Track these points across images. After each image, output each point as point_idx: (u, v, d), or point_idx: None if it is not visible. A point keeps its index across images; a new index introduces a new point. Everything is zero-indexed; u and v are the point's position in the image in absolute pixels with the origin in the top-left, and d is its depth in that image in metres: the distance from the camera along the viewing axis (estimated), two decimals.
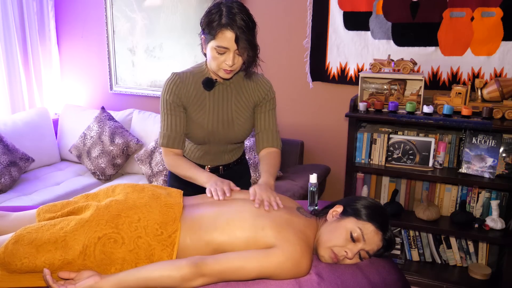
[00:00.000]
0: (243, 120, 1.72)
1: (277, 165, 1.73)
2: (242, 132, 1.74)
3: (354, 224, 1.38)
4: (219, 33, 1.50)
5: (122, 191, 1.49)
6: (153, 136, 3.19)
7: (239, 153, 1.87)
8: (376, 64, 2.51)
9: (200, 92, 1.68)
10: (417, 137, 2.49)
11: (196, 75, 1.69)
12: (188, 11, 3.19)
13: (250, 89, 1.72)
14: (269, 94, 1.74)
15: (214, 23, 1.50)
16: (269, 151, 1.76)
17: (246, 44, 1.51)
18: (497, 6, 2.41)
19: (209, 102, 1.68)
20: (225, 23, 1.48)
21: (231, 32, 1.48)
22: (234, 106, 1.70)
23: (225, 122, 1.70)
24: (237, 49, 1.51)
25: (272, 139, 1.76)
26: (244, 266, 1.27)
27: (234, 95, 1.70)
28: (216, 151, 1.77)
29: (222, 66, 1.55)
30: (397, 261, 2.61)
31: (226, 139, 1.73)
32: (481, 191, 2.49)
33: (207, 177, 1.60)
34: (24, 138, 3.19)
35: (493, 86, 2.31)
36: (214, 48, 1.52)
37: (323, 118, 2.99)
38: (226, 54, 1.52)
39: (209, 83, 1.66)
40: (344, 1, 2.73)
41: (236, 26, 1.48)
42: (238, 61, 1.55)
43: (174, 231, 1.36)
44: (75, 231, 1.30)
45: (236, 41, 1.49)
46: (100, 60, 3.63)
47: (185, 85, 1.66)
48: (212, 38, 1.52)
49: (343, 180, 2.90)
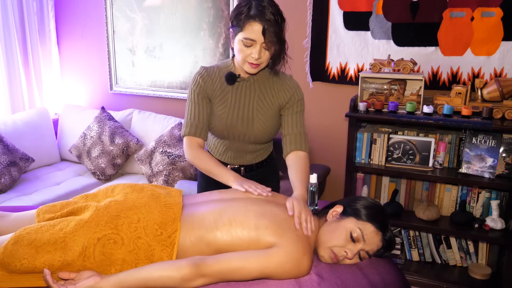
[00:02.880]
0: (264, 119, 1.70)
1: (308, 170, 1.66)
2: (262, 131, 1.71)
3: (354, 224, 1.38)
4: (247, 24, 1.50)
5: (121, 191, 1.49)
6: (153, 136, 3.19)
7: (264, 156, 1.84)
8: (376, 64, 2.51)
9: (224, 86, 1.69)
10: (417, 137, 2.49)
11: (222, 70, 1.70)
12: (188, 11, 3.19)
13: (275, 89, 1.71)
14: (296, 95, 1.72)
15: (243, 15, 1.51)
16: (297, 155, 1.69)
17: (274, 37, 1.50)
18: (497, 6, 2.41)
19: (232, 96, 1.69)
20: (253, 14, 1.49)
21: (259, 24, 1.49)
22: (255, 104, 1.69)
23: (244, 118, 1.69)
24: (264, 42, 1.50)
25: (299, 141, 1.71)
26: (244, 266, 1.27)
27: (257, 93, 1.70)
28: (237, 148, 1.76)
29: (248, 59, 1.55)
30: (397, 261, 2.61)
31: (246, 136, 1.72)
32: (481, 191, 2.49)
33: (234, 176, 1.59)
34: (24, 138, 3.19)
35: (493, 86, 2.31)
36: (241, 40, 1.53)
37: (323, 118, 2.99)
38: (253, 46, 1.52)
39: (231, 77, 1.67)
40: (344, 1, 2.72)
41: (264, 18, 1.48)
42: (265, 55, 1.55)
43: (173, 231, 1.36)
44: (74, 232, 1.30)
45: (263, 33, 1.49)
46: (100, 60, 3.64)
47: (211, 79, 1.69)
48: (240, 30, 1.52)
49: (343, 180, 2.90)
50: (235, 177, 1.59)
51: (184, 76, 3.34)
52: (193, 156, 1.67)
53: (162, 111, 3.42)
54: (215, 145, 1.82)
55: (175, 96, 3.40)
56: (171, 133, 3.02)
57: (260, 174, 1.83)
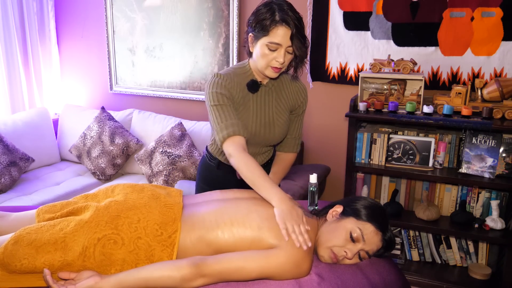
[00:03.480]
0: (283, 122, 1.72)
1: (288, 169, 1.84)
2: (281, 134, 1.74)
3: (354, 224, 1.38)
4: (274, 29, 1.49)
5: (122, 191, 1.49)
6: (153, 136, 3.19)
7: (270, 155, 1.85)
8: (376, 64, 2.51)
9: (244, 94, 1.65)
10: (417, 137, 2.49)
11: (239, 76, 1.64)
12: (188, 11, 3.19)
13: (290, 92, 1.73)
14: (305, 101, 1.78)
15: (267, 20, 1.50)
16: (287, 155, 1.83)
17: (300, 41, 1.51)
18: (497, 6, 2.41)
19: (253, 104, 1.67)
20: (279, 19, 1.49)
21: (286, 28, 1.49)
22: (274, 108, 1.70)
23: (266, 124, 1.69)
24: (291, 46, 1.51)
25: (294, 145, 1.82)
26: (244, 266, 1.27)
27: (274, 97, 1.70)
28: (252, 152, 1.73)
29: (272, 63, 1.54)
30: (397, 261, 2.61)
31: (266, 141, 1.73)
32: (481, 191, 2.49)
33: (279, 199, 1.39)
34: (24, 138, 3.19)
35: (493, 86, 2.31)
36: (266, 44, 1.52)
37: (323, 118, 2.99)
38: (278, 51, 1.52)
39: (255, 85, 1.64)
40: (344, 1, 2.72)
41: (291, 22, 1.49)
42: (287, 59, 1.56)
43: (174, 231, 1.36)
44: (74, 232, 1.30)
45: (291, 38, 1.49)
46: (100, 60, 3.64)
47: (232, 85, 1.61)
48: (264, 34, 1.51)
49: (343, 180, 2.90)
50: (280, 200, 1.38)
51: (184, 76, 3.34)
52: (241, 161, 1.47)
53: (162, 111, 3.42)
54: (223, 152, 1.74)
55: (175, 96, 3.40)
56: (171, 133, 3.02)
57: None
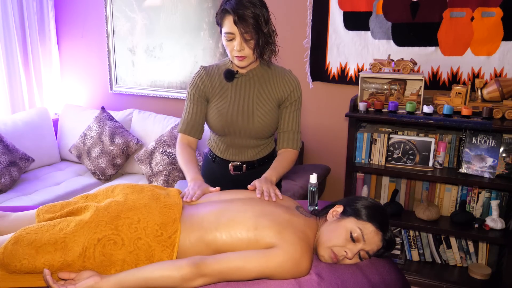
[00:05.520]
0: (264, 113, 1.72)
1: (287, 165, 1.75)
2: (263, 125, 1.73)
3: (354, 224, 1.38)
4: (224, 19, 1.55)
5: (122, 191, 1.49)
6: (153, 136, 3.19)
7: (266, 152, 1.85)
8: (376, 64, 2.51)
9: (223, 84, 1.73)
10: (417, 137, 2.49)
11: (220, 67, 1.75)
12: (188, 11, 3.19)
13: (275, 83, 1.73)
14: (296, 92, 1.75)
15: (220, 10, 1.56)
16: (287, 151, 1.78)
17: (248, 27, 1.52)
18: (497, 6, 2.41)
19: (231, 92, 1.72)
20: (227, 8, 1.52)
21: (230, 16, 1.52)
22: (255, 98, 1.71)
23: (244, 113, 1.71)
24: (241, 34, 1.53)
25: (292, 140, 1.78)
26: (244, 266, 1.27)
27: (257, 87, 1.72)
28: (239, 144, 1.78)
29: (233, 53, 1.59)
30: (397, 261, 2.61)
31: (247, 131, 1.74)
32: (481, 191, 2.49)
33: (191, 177, 1.66)
34: (24, 138, 3.19)
35: (493, 86, 2.31)
36: (224, 36, 1.57)
37: (323, 118, 2.99)
38: (234, 40, 1.56)
39: (229, 74, 1.71)
40: (344, 1, 2.72)
41: (237, 10, 1.50)
42: (247, 47, 1.57)
43: (174, 231, 1.36)
44: (74, 232, 1.30)
45: (236, 24, 1.51)
46: (100, 60, 3.63)
47: (210, 77, 1.74)
48: (221, 26, 1.58)
49: (343, 180, 2.90)
50: (191, 178, 1.66)
51: (184, 76, 3.34)
52: (177, 152, 1.78)
53: (162, 111, 3.42)
54: (216, 143, 1.85)
55: (175, 96, 3.40)
56: (171, 133, 3.02)
57: (262, 172, 1.80)
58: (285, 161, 1.75)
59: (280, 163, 1.73)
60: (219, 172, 1.86)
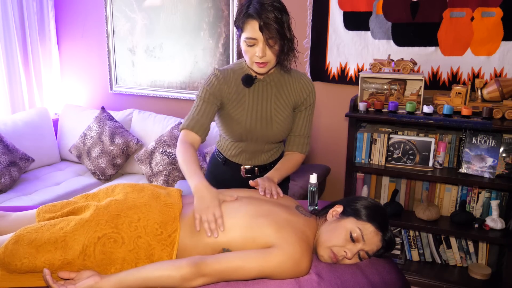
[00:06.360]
0: (282, 119, 1.69)
1: (292, 168, 1.74)
2: (281, 131, 1.70)
3: (354, 224, 1.38)
4: (246, 24, 1.49)
5: (122, 190, 1.49)
6: (153, 136, 3.19)
7: (277, 155, 1.83)
8: (376, 64, 2.51)
9: (240, 89, 1.66)
10: (417, 137, 2.49)
11: (236, 72, 1.67)
12: (188, 11, 3.19)
13: (291, 87, 1.69)
14: (312, 96, 1.72)
15: (240, 17, 1.50)
16: (294, 154, 1.77)
17: (274, 33, 1.47)
18: (497, 6, 2.41)
19: (249, 99, 1.66)
20: (251, 12, 1.47)
21: (255, 21, 1.46)
22: (273, 104, 1.67)
23: (263, 119, 1.67)
24: (265, 39, 1.47)
25: (302, 145, 1.77)
26: (244, 265, 1.27)
27: (274, 92, 1.67)
28: (254, 149, 1.74)
29: (254, 59, 1.53)
30: (397, 261, 2.61)
31: (264, 138, 1.70)
32: (481, 191, 2.49)
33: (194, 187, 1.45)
34: (24, 138, 3.19)
35: (493, 86, 2.31)
36: (244, 41, 1.51)
37: (323, 118, 2.99)
38: (256, 45, 1.50)
39: (249, 79, 1.64)
40: (344, 1, 2.73)
41: (262, 15, 1.45)
42: (269, 53, 1.51)
43: (173, 230, 1.36)
44: (75, 231, 1.30)
45: (261, 30, 1.46)
46: (100, 60, 3.64)
47: (227, 82, 1.64)
48: (242, 31, 1.51)
49: (343, 180, 2.90)
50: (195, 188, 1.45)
51: (184, 76, 3.34)
52: (179, 149, 1.57)
53: (162, 111, 3.42)
54: (228, 148, 1.79)
55: (175, 96, 3.40)
56: (171, 133, 3.02)
57: None
58: (290, 163, 1.73)
59: (284, 165, 1.71)
60: (228, 175, 1.81)
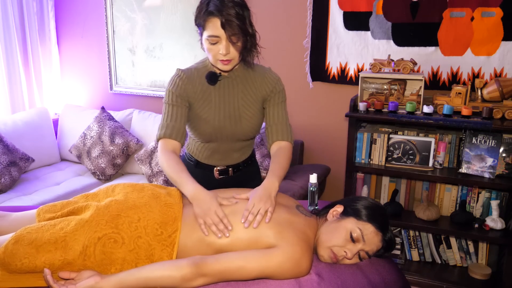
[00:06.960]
0: (251, 115, 1.66)
1: (286, 164, 1.61)
2: (250, 127, 1.67)
3: (354, 224, 1.38)
4: (208, 21, 1.46)
5: (122, 190, 1.49)
6: (153, 136, 3.19)
7: (249, 152, 1.80)
8: (376, 64, 2.51)
9: (205, 88, 1.62)
10: (417, 137, 2.49)
11: (200, 70, 1.64)
12: (188, 11, 3.19)
13: (257, 83, 1.66)
14: (277, 86, 1.67)
15: (202, 12, 1.47)
16: (280, 145, 1.66)
17: (236, 30, 1.45)
18: (497, 6, 2.41)
19: (215, 97, 1.63)
20: (211, 10, 1.44)
21: (216, 18, 1.44)
22: (241, 101, 1.64)
23: (232, 117, 1.64)
24: (228, 36, 1.45)
25: (282, 131, 1.66)
26: (244, 266, 1.27)
27: (240, 89, 1.65)
28: (225, 149, 1.71)
29: (218, 57, 1.50)
30: (397, 261, 2.61)
31: (234, 135, 1.67)
32: (481, 191, 2.49)
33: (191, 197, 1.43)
34: (24, 138, 3.19)
35: (493, 86, 2.31)
36: (207, 39, 1.48)
37: (323, 118, 2.99)
38: (219, 43, 1.47)
39: (213, 76, 1.61)
40: (344, 1, 2.72)
41: (223, 11, 1.43)
42: (233, 50, 1.49)
43: (174, 231, 1.36)
44: (75, 231, 1.30)
45: (223, 27, 1.44)
46: (100, 60, 3.63)
47: (191, 81, 1.61)
48: (203, 29, 1.49)
49: (343, 180, 2.90)
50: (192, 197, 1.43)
51: None
52: (163, 159, 1.53)
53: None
54: (199, 150, 1.75)
55: None
56: None
57: (246, 174, 1.80)
58: (282, 160, 1.61)
59: (278, 164, 1.59)
60: (201, 177, 1.66)
